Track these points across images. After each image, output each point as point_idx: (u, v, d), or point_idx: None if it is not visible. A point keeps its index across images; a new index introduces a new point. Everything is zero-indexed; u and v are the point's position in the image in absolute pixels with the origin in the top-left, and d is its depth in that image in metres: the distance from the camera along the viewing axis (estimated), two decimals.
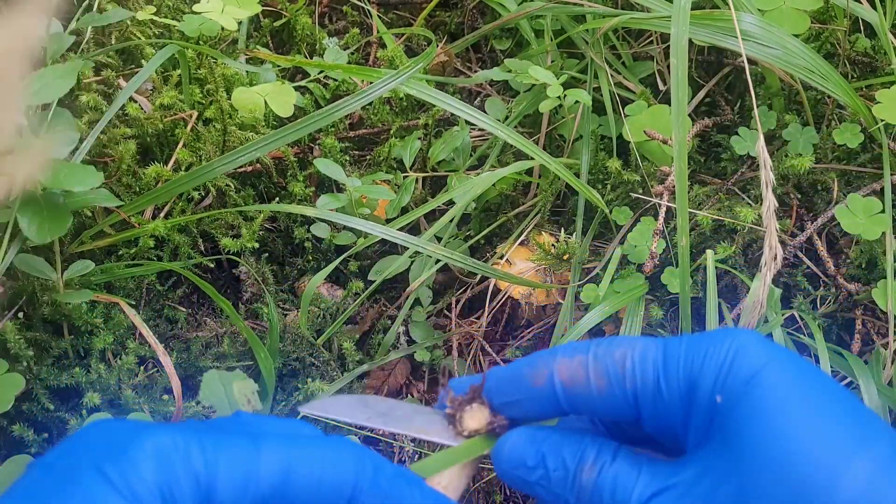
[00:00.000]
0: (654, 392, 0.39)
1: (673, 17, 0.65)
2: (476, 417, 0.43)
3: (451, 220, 0.79)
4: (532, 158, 0.75)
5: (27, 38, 0.33)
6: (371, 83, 0.74)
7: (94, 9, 0.78)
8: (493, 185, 0.79)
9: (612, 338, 0.41)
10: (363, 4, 0.96)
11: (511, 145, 0.78)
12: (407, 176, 0.82)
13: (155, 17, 0.82)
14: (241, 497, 0.36)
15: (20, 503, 0.34)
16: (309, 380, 0.76)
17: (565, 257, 0.78)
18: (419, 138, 0.84)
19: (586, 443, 0.41)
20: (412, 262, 0.82)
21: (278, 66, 0.85)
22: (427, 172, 0.85)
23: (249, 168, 0.82)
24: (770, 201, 0.52)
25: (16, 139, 0.59)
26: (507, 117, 0.86)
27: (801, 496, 0.34)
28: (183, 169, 0.79)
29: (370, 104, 0.87)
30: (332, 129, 0.86)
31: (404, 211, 0.78)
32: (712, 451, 0.37)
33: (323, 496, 0.37)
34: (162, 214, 0.79)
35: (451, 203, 0.77)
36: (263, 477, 0.36)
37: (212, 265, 0.80)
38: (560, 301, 0.78)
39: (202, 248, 0.80)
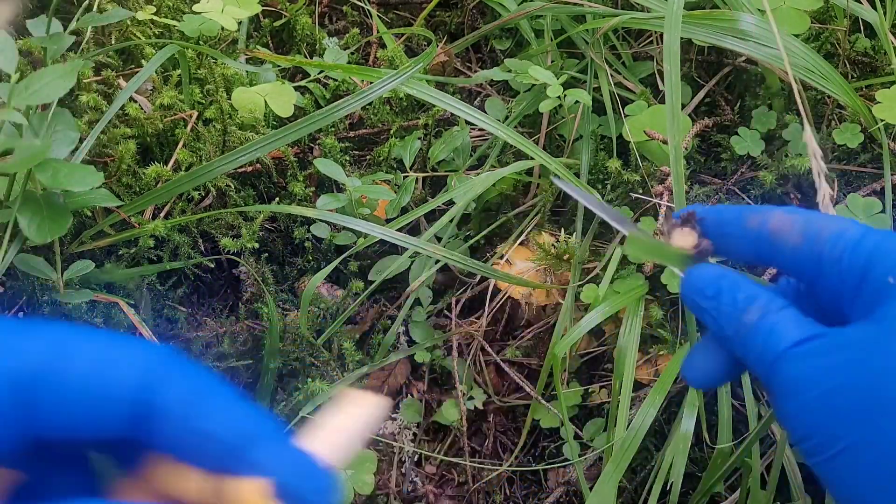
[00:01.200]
0: (838, 257, 0.42)
1: (665, 22, 0.65)
2: (685, 238, 0.47)
3: (451, 220, 0.79)
4: (532, 158, 0.75)
5: None
6: (371, 83, 0.74)
7: (95, 9, 0.78)
8: (493, 185, 0.79)
9: (827, 215, 0.46)
10: (363, 4, 0.96)
11: (511, 145, 0.78)
12: (407, 176, 0.82)
13: (155, 17, 0.82)
14: None
15: None
16: (309, 380, 0.76)
17: (565, 257, 0.78)
18: (419, 138, 0.84)
19: (761, 290, 0.44)
20: (412, 263, 0.82)
21: (278, 66, 0.85)
22: (427, 172, 0.85)
23: (249, 168, 0.82)
24: (824, 191, 0.53)
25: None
26: (507, 117, 0.86)
27: None
28: (183, 169, 0.79)
29: (370, 104, 0.87)
30: (332, 129, 0.86)
31: (404, 211, 0.78)
32: (870, 326, 0.39)
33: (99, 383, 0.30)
34: (162, 214, 0.79)
35: (451, 203, 0.77)
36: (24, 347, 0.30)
37: (212, 265, 0.80)
38: (560, 301, 0.78)
39: (202, 248, 0.80)
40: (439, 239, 0.83)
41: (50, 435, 0.31)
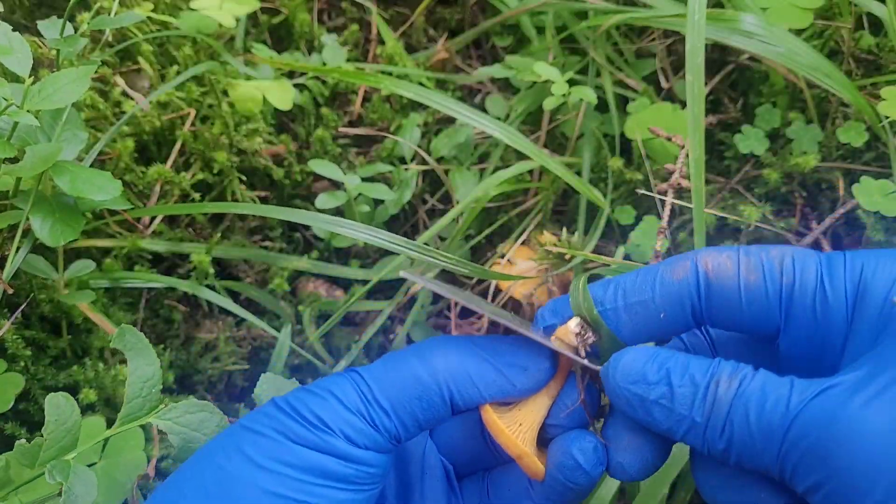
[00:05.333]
0: (814, 293, 0.36)
1: (688, 31, 0.64)
2: (573, 336, 0.40)
3: (452, 220, 0.78)
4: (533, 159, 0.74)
5: None
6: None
7: (93, 9, 0.77)
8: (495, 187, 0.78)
9: (761, 245, 0.38)
10: (362, 1, 0.95)
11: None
12: (408, 168, 0.81)
13: (152, 14, 0.81)
14: None
15: None
16: (309, 379, 0.75)
17: (567, 257, 0.77)
18: (418, 125, 0.83)
19: (716, 362, 0.37)
20: (412, 263, 0.81)
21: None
22: (427, 166, 0.84)
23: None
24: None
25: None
26: (508, 115, 0.85)
27: None
28: (183, 169, 0.78)
29: (369, 102, 0.86)
30: (333, 125, 0.86)
31: (404, 208, 0.78)
32: (884, 354, 0.33)
33: None
34: (159, 219, 0.78)
35: (450, 202, 0.77)
36: None
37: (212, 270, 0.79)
38: None
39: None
40: (442, 239, 0.82)
41: None
